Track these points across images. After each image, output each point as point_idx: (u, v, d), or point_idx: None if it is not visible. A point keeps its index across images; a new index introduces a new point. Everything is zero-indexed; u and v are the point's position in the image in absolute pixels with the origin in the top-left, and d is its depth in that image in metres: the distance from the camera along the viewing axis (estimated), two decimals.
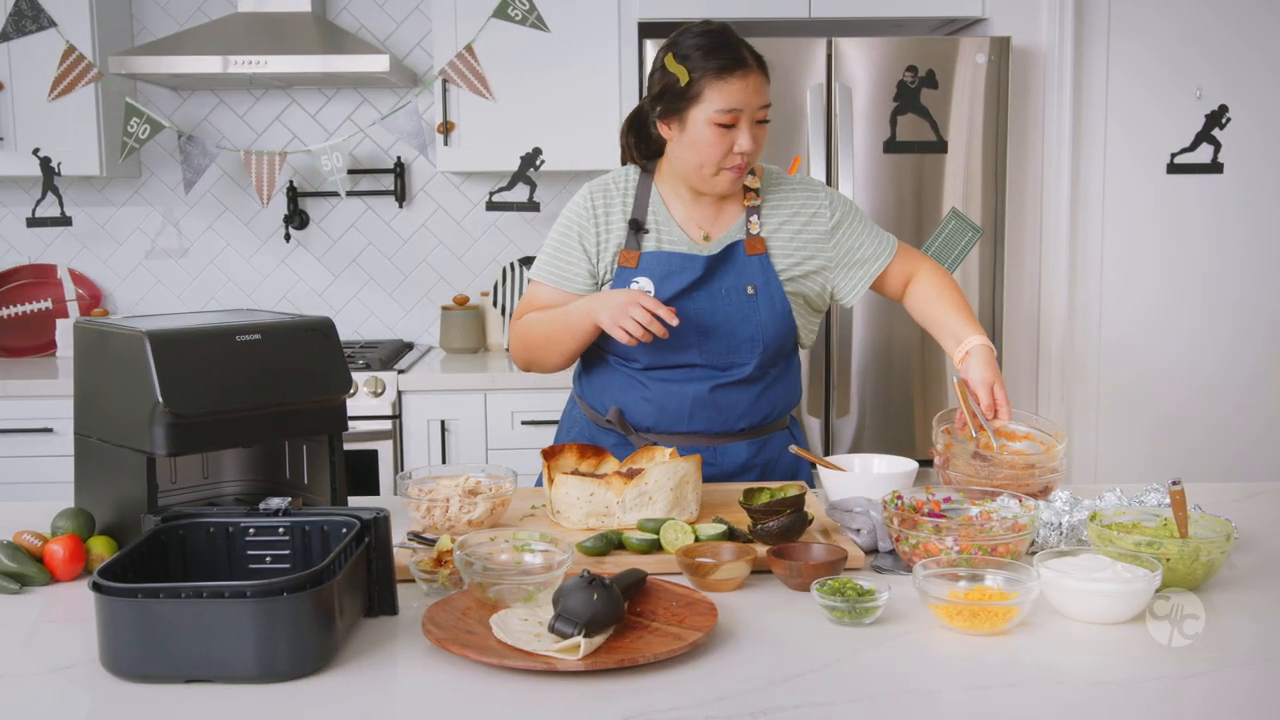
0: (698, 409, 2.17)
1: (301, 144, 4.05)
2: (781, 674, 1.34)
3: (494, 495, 1.89)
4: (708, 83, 2.03)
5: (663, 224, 2.18)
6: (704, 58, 2.04)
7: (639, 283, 2.15)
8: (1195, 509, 1.73)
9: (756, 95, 2.05)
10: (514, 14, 3.33)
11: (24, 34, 3.21)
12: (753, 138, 2.06)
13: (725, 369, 2.17)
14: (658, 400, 2.18)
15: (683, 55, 2.06)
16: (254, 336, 1.75)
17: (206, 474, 2.02)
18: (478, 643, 1.38)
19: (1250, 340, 3.72)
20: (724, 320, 2.15)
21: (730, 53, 2.04)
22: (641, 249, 2.17)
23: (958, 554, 1.59)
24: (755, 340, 2.16)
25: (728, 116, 2.03)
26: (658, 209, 2.19)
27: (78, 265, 4.08)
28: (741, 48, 2.06)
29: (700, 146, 2.07)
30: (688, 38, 2.08)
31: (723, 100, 2.03)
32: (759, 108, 2.06)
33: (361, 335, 4.16)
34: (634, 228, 2.17)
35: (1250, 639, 1.45)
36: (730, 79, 2.03)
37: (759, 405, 2.21)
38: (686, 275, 2.14)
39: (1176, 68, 3.61)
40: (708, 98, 2.04)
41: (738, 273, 2.16)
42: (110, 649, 1.33)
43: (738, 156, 2.07)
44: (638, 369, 2.20)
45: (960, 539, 1.61)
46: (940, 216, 3.45)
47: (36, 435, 3.49)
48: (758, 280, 2.16)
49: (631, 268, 2.16)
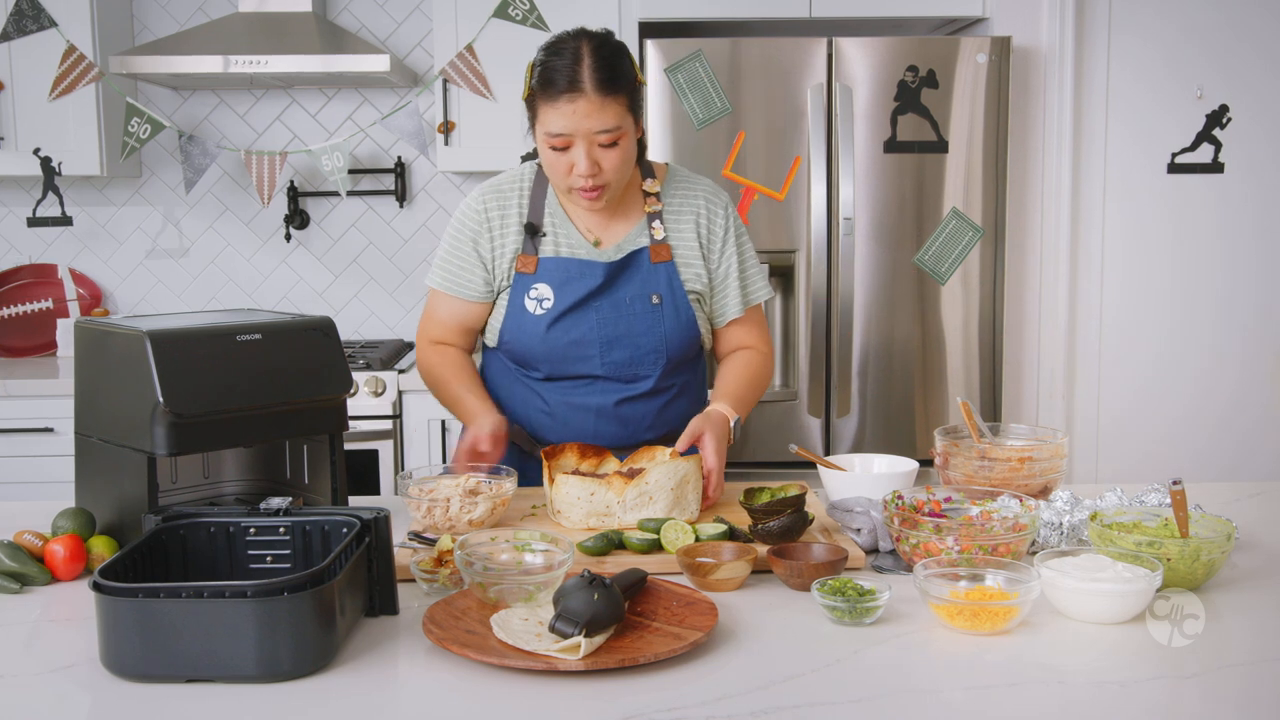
0: (602, 422, 2.12)
1: (302, 144, 4.05)
2: (781, 674, 1.34)
3: (494, 495, 1.89)
4: (540, 103, 1.96)
5: (560, 227, 2.11)
6: (540, 75, 1.95)
7: (538, 289, 2.08)
8: (1196, 509, 1.73)
9: (588, 119, 1.92)
10: (514, 14, 3.33)
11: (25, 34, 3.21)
12: (592, 161, 1.96)
13: (629, 381, 2.12)
14: (559, 414, 2.14)
15: (532, 65, 1.99)
16: (254, 336, 1.75)
17: (207, 474, 2.02)
18: (478, 643, 1.38)
19: (1251, 340, 3.72)
20: (627, 331, 2.08)
21: (564, 74, 1.92)
22: (539, 254, 2.10)
23: (958, 554, 1.59)
24: (659, 351, 2.10)
25: (557, 140, 1.95)
26: (555, 211, 2.12)
27: (78, 265, 4.08)
28: (583, 67, 1.92)
29: (545, 162, 2.02)
30: (542, 50, 1.98)
31: (550, 123, 1.95)
32: (594, 132, 1.94)
33: (362, 335, 4.16)
34: (530, 231, 2.09)
35: (1250, 639, 1.45)
36: (558, 101, 1.93)
37: (664, 417, 2.16)
38: (587, 282, 2.07)
39: (1177, 67, 3.61)
40: (540, 119, 1.97)
41: (642, 281, 2.10)
42: (111, 649, 1.33)
43: (579, 178, 1.98)
44: (537, 379, 2.14)
45: (961, 539, 1.61)
46: (941, 216, 3.45)
47: (37, 435, 3.49)
48: (663, 289, 2.10)
49: (530, 273, 2.09)
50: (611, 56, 1.95)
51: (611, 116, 1.94)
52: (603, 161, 1.97)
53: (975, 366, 3.51)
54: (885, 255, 3.44)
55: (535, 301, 2.09)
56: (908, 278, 3.46)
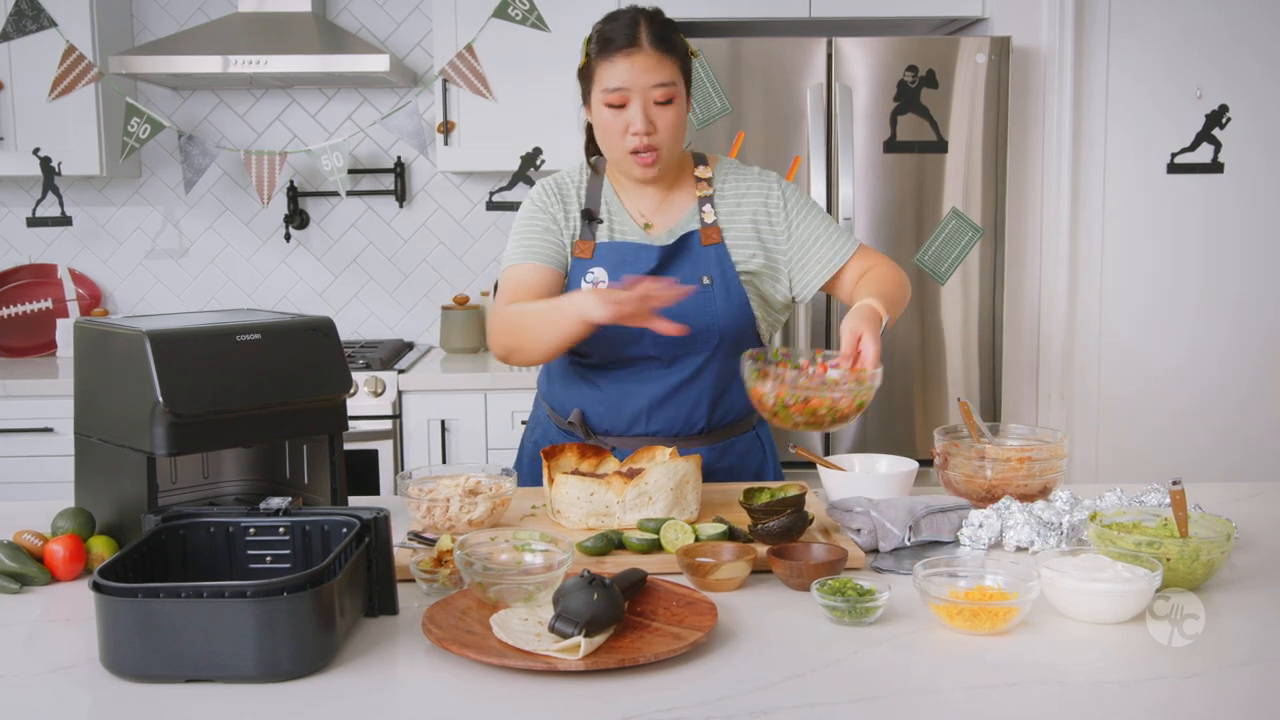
0: (655, 410, 2.14)
1: (302, 144, 4.05)
2: (781, 674, 1.34)
3: (494, 495, 1.89)
4: (598, 64, 2.06)
5: (615, 214, 2.18)
6: (599, 39, 2.06)
7: (594, 273, 2.13)
8: (1195, 509, 1.73)
9: (645, 74, 2.02)
10: (514, 14, 3.33)
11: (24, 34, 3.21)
12: (647, 117, 2.04)
13: (680, 362, 2.13)
14: (613, 401, 2.15)
15: (589, 38, 2.10)
16: (254, 336, 1.75)
17: (206, 474, 2.02)
18: (478, 643, 1.38)
19: (1250, 340, 3.72)
20: (678, 311, 2.06)
21: (623, 32, 2.03)
22: (596, 239, 2.16)
23: (774, 399, 1.69)
24: (711, 332, 2.12)
25: (615, 96, 2.04)
26: (610, 200, 2.19)
27: (78, 265, 4.08)
28: (640, 28, 2.04)
29: (601, 129, 2.10)
30: (601, 21, 2.10)
31: (607, 79, 2.04)
32: (650, 86, 2.03)
33: (362, 335, 4.16)
34: (587, 218, 2.17)
35: (1250, 639, 1.45)
36: (616, 57, 2.03)
37: (721, 405, 2.17)
38: (641, 265, 2.12)
39: (1177, 68, 3.61)
40: (598, 78, 2.06)
41: (693, 263, 2.13)
42: (110, 649, 1.33)
43: (634, 138, 2.05)
44: (590, 365, 2.16)
45: (778, 386, 1.69)
46: (940, 216, 3.45)
47: (37, 435, 3.49)
48: (714, 271, 2.13)
49: (586, 258, 2.15)
50: (666, 23, 2.09)
51: (667, 72, 2.04)
52: (657, 120, 2.05)
53: (975, 366, 3.51)
54: (885, 255, 3.43)
55: (591, 284, 2.13)
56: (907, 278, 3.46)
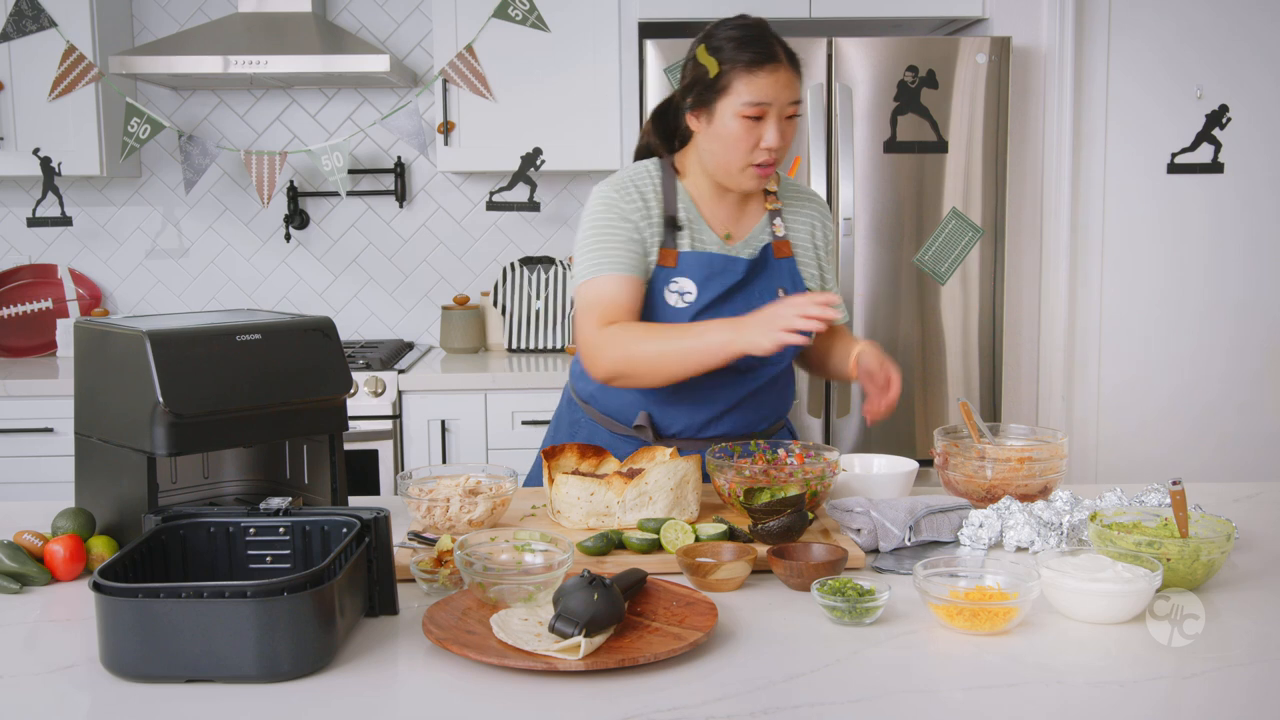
0: (729, 414, 2.15)
1: (302, 144, 4.05)
2: (781, 674, 1.34)
3: (494, 495, 1.89)
4: (737, 75, 2.01)
5: (694, 222, 2.14)
6: (735, 49, 2.02)
7: (679, 283, 2.10)
8: (1196, 509, 1.73)
9: (786, 90, 2.02)
10: (514, 14, 3.34)
11: (24, 34, 3.21)
12: (780, 133, 2.03)
13: (755, 370, 2.13)
14: (687, 406, 2.14)
15: (715, 47, 2.05)
16: (254, 336, 1.75)
17: (207, 474, 2.02)
18: (478, 643, 1.38)
19: (1250, 340, 3.72)
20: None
21: (762, 46, 2.02)
22: (678, 248, 2.12)
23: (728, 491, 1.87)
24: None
25: (755, 109, 2.01)
26: (687, 206, 2.14)
27: (78, 265, 4.08)
28: (775, 42, 2.03)
29: (727, 140, 2.04)
30: (723, 30, 2.07)
31: (750, 93, 2.01)
32: (788, 103, 2.03)
33: (362, 335, 4.16)
34: (670, 225, 2.12)
35: (1250, 639, 1.45)
36: (759, 72, 2.00)
37: (779, 405, 2.22)
38: (729, 278, 2.11)
39: (1177, 67, 3.61)
40: (736, 90, 2.02)
41: (770, 275, 2.15)
42: (110, 649, 1.33)
43: (764, 152, 2.03)
44: None
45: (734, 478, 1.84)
46: (940, 216, 3.45)
47: (37, 435, 3.49)
48: (786, 284, 2.15)
49: (670, 267, 2.10)
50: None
51: (798, 90, 2.06)
52: (783, 135, 2.05)
53: (975, 366, 3.51)
54: (885, 255, 3.44)
55: (677, 295, 2.10)
56: (908, 278, 3.46)
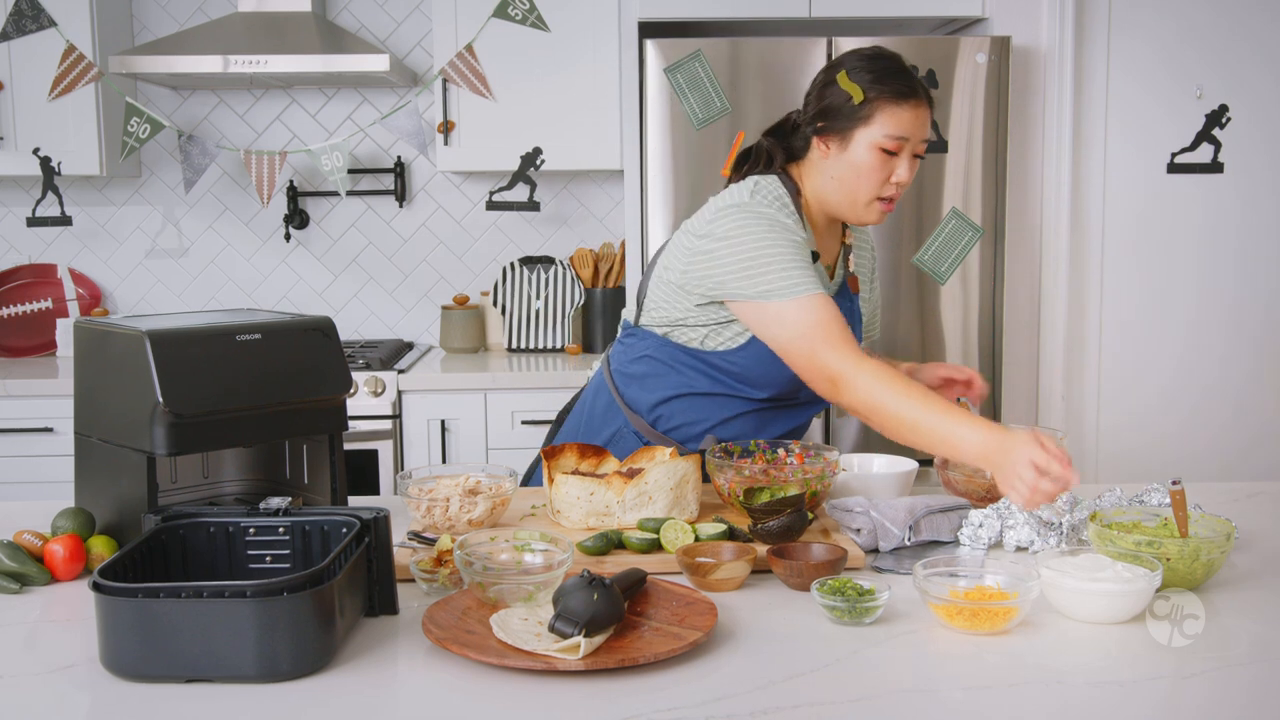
0: (791, 434, 2.16)
1: (302, 144, 4.05)
2: (781, 674, 1.34)
3: (494, 495, 1.89)
4: (881, 105, 1.96)
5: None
6: (880, 80, 1.97)
7: None
8: (1195, 509, 1.73)
9: (923, 128, 1.99)
10: (514, 14, 3.34)
11: (24, 33, 3.21)
12: (910, 169, 1.99)
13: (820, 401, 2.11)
14: (753, 426, 2.12)
15: (858, 75, 1.98)
16: (254, 336, 1.75)
17: (206, 474, 2.02)
18: (478, 642, 1.38)
19: (1250, 339, 3.72)
20: None
21: (908, 80, 1.98)
22: None
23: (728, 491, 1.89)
24: None
25: (894, 144, 1.96)
26: (810, 237, 2.08)
27: (78, 265, 4.08)
28: (916, 78, 2.00)
29: (860, 170, 1.98)
30: (860, 59, 2.00)
31: (894, 126, 1.96)
32: (921, 140, 2.00)
33: (361, 335, 4.16)
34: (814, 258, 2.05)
35: (1250, 639, 1.45)
36: (904, 105, 1.96)
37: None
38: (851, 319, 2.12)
39: (1177, 67, 3.61)
40: (878, 121, 1.96)
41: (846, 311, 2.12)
42: (110, 649, 1.33)
43: (893, 186, 1.99)
44: (760, 398, 2.09)
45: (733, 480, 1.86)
46: (940, 216, 3.45)
47: (36, 435, 3.49)
48: (855, 322, 2.15)
49: None
50: None
51: (929, 127, 2.02)
52: (911, 171, 2.01)
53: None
54: (885, 255, 3.44)
55: None
56: (908, 277, 3.46)
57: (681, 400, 2.10)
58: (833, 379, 1.88)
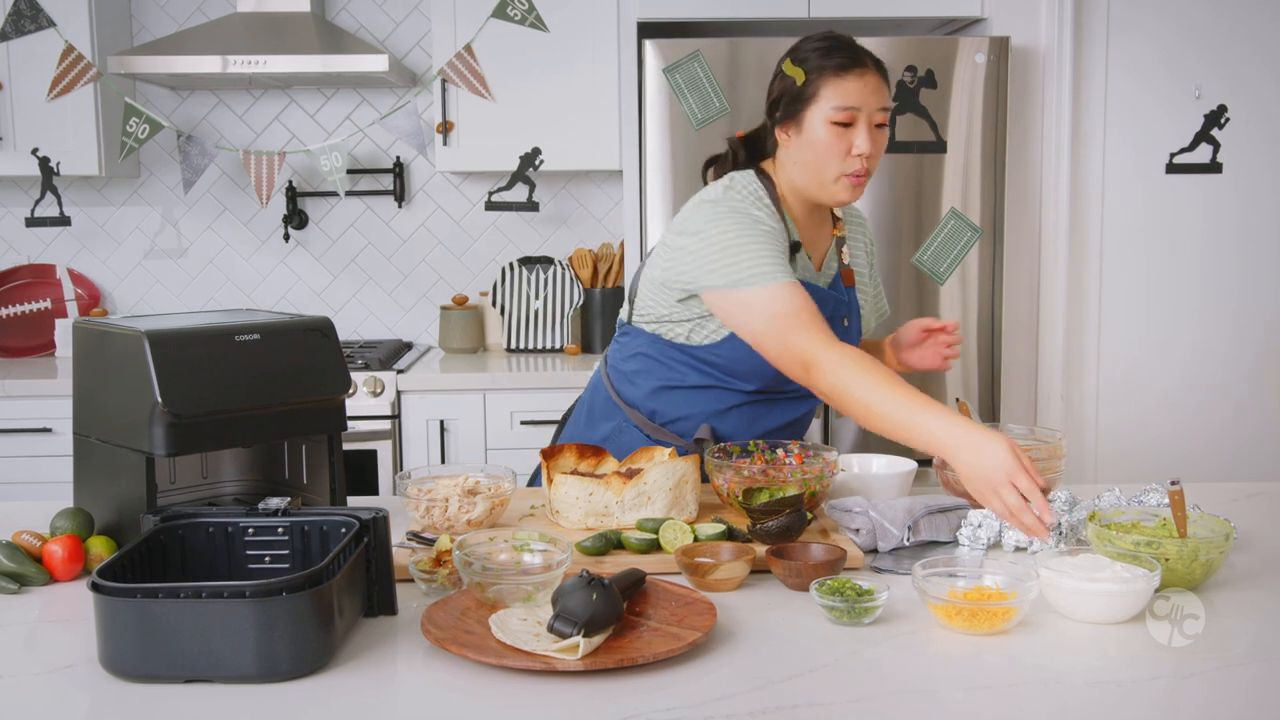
0: (788, 427, 2.16)
1: (301, 144, 4.05)
2: (781, 674, 1.34)
3: (493, 495, 1.89)
4: (824, 81, 1.98)
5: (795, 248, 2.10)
6: (822, 57, 2.00)
7: None
8: (1194, 509, 1.73)
9: (874, 96, 1.99)
10: (513, 14, 3.33)
11: (23, 34, 3.21)
12: (871, 139, 1.99)
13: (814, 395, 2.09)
14: (748, 419, 2.12)
15: (800, 58, 2.02)
16: (253, 336, 1.75)
17: (206, 474, 2.02)
18: (477, 642, 1.38)
19: (1249, 340, 3.72)
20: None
21: (849, 52, 2.00)
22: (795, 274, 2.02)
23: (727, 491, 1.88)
24: None
25: (845, 114, 1.97)
26: (790, 229, 2.08)
27: (77, 265, 4.08)
28: (860, 50, 2.01)
29: (819, 148, 1.99)
30: (808, 42, 2.04)
31: (839, 98, 1.97)
32: (877, 109, 1.99)
33: (361, 335, 4.16)
34: (794, 249, 2.06)
35: (1250, 639, 1.46)
36: (847, 77, 1.97)
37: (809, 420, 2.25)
38: (840, 312, 2.10)
39: (1176, 68, 3.61)
40: (824, 95, 1.98)
41: (836, 303, 2.11)
42: (110, 649, 1.33)
43: (856, 160, 1.98)
44: (749, 390, 2.09)
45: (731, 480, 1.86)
46: (940, 216, 3.45)
47: (36, 435, 3.49)
48: (852, 315, 2.14)
49: None
50: None
51: (885, 95, 2.02)
52: (874, 143, 2.01)
53: (974, 366, 3.51)
54: (884, 255, 3.44)
55: None
56: (907, 277, 3.46)
57: (674, 394, 2.12)
58: (804, 362, 1.87)
